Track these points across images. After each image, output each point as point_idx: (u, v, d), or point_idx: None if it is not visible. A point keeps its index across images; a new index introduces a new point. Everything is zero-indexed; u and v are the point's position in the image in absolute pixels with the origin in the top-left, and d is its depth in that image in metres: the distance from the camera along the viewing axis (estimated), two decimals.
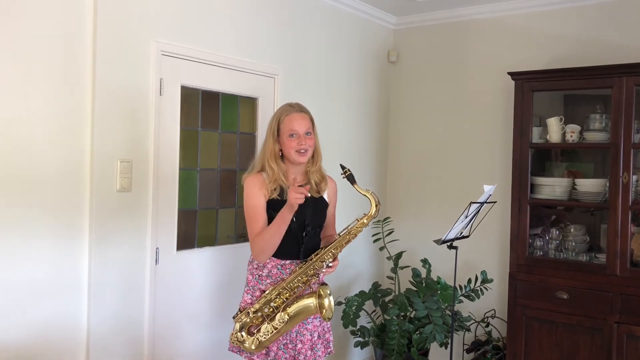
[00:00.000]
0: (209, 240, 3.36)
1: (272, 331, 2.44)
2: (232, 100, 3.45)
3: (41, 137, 2.58)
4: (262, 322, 2.47)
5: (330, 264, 2.49)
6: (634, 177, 3.37)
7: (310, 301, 2.44)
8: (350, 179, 2.49)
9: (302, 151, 2.51)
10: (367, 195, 2.49)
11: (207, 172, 3.35)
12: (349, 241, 2.52)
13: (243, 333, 2.48)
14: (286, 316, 2.43)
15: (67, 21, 2.65)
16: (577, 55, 3.86)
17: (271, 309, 2.46)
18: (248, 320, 2.48)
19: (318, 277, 2.51)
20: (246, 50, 3.45)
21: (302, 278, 2.47)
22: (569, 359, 3.48)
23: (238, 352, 2.60)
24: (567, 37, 3.94)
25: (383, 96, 4.65)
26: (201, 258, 3.26)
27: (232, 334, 2.51)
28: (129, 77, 2.85)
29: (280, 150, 2.55)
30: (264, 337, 2.45)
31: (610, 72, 3.38)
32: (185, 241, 3.21)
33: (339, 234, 2.53)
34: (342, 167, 2.51)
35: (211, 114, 3.35)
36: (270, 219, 2.50)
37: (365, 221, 2.50)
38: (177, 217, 3.12)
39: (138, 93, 2.89)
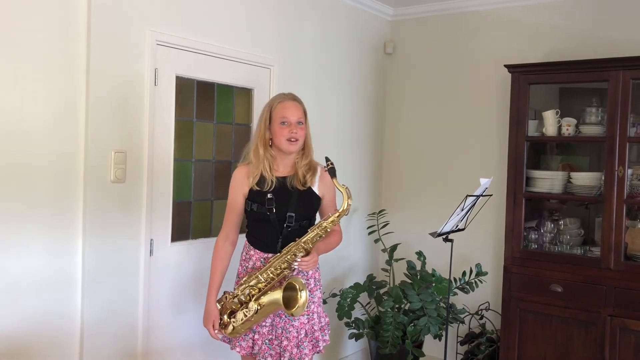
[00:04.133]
0: (204, 232, 3.35)
1: (242, 319, 2.48)
2: (227, 90, 3.42)
3: (35, 128, 2.55)
4: (239, 308, 2.51)
5: (299, 259, 2.46)
6: (629, 171, 3.38)
7: (278, 295, 2.43)
8: (331, 172, 2.49)
9: (292, 140, 2.50)
10: (342, 190, 2.47)
11: (202, 164, 3.33)
12: (320, 236, 2.50)
13: (224, 316, 2.53)
14: (257, 306, 2.46)
15: (60, 10, 2.61)
16: (574, 48, 3.85)
17: (247, 297, 2.49)
18: (227, 305, 2.53)
19: (291, 270, 2.49)
20: (242, 41, 3.42)
21: (275, 270, 2.47)
22: (563, 352, 3.50)
23: (229, 342, 2.62)
24: (564, 30, 3.93)
25: (379, 88, 4.64)
26: (196, 249, 3.25)
27: None
28: (124, 67, 2.82)
29: (271, 139, 2.55)
30: (237, 324, 2.50)
31: (607, 66, 3.37)
32: (180, 232, 3.19)
33: (310, 229, 2.50)
34: (327, 160, 2.51)
35: (206, 105, 3.33)
36: (246, 211, 2.58)
37: (335, 218, 2.49)
38: (172, 208, 3.11)
39: (132, 83, 2.87)
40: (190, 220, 3.28)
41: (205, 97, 3.31)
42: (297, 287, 2.40)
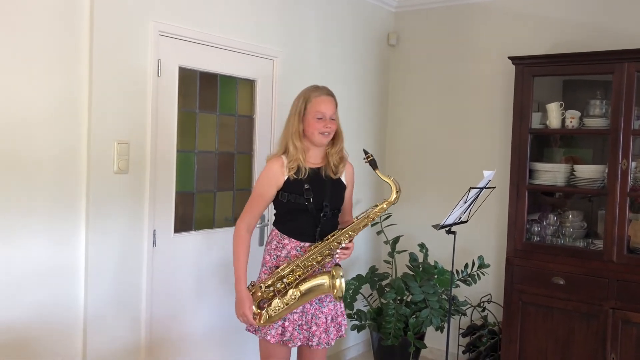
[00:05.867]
0: (207, 223, 3.35)
1: (283, 307, 2.51)
2: (230, 82, 3.41)
3: (37, 119, 2.55)
4: (273, 297, 2.53)
5: (345, 245, 2.56)
6: (633, 164, 3.37)
7: (324, 280, 2.51)
8: (373, 164, 2.60)
9: (325, 133, 2.58)
10: (389, 181, 2.60)
11: (205, 155, 3.32)
12: (366, 224, 2.62)
13: (253, 307, 2.54)
14: (298, 293, 2.50)
15: (63, 1, 2.60)
16: (579, 40, 3.83)
17: (283, 285, 2.53)
18: (260, 294, 2.54)
19: (332, 257, 2.55)
20: (245, 32, 3.41)
21: (316, 257, 2.53)
22: (564, 344, 3.50)
23: (254, 332, 2.62)
24: (569, 22, 3.91)
25: (382, 79, 4.62)
26: (198, 241, 3.25)
27: None
28: (127, 58, 2.81)
29: (302, 130, 2.59)
30: (274, 312, 2.52)
31: (612, 58, 3.35)
32: (183, 224, 3.20)
33: (357, 217, 2.61)
34: (365, 152, 2.62)
35: (209, 96, 3.32)
36: (281, 202, 2.59)
37: (385, 206, 2.60)
38: (175, 200, 3.11)
39: (135, 74, 2.86)
40: (194, 211, 3.28)
41: (208, 88, 3.31)
42: (336, 275, 2.50)
